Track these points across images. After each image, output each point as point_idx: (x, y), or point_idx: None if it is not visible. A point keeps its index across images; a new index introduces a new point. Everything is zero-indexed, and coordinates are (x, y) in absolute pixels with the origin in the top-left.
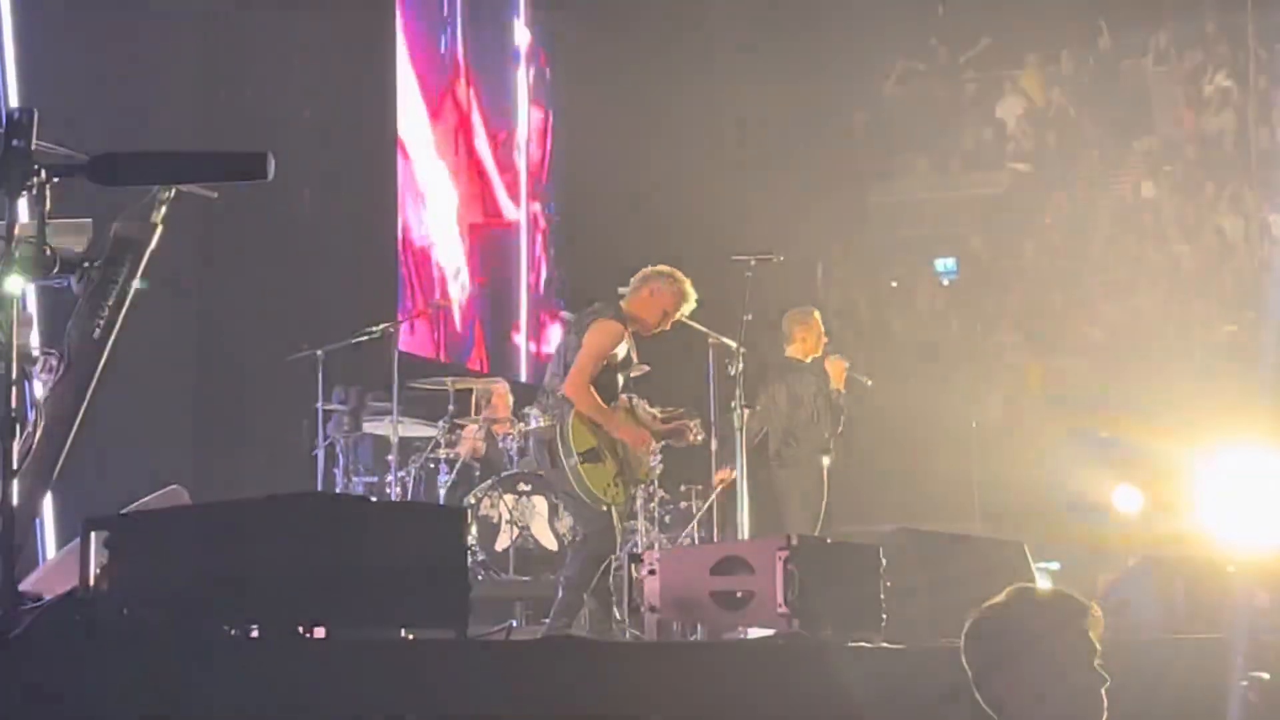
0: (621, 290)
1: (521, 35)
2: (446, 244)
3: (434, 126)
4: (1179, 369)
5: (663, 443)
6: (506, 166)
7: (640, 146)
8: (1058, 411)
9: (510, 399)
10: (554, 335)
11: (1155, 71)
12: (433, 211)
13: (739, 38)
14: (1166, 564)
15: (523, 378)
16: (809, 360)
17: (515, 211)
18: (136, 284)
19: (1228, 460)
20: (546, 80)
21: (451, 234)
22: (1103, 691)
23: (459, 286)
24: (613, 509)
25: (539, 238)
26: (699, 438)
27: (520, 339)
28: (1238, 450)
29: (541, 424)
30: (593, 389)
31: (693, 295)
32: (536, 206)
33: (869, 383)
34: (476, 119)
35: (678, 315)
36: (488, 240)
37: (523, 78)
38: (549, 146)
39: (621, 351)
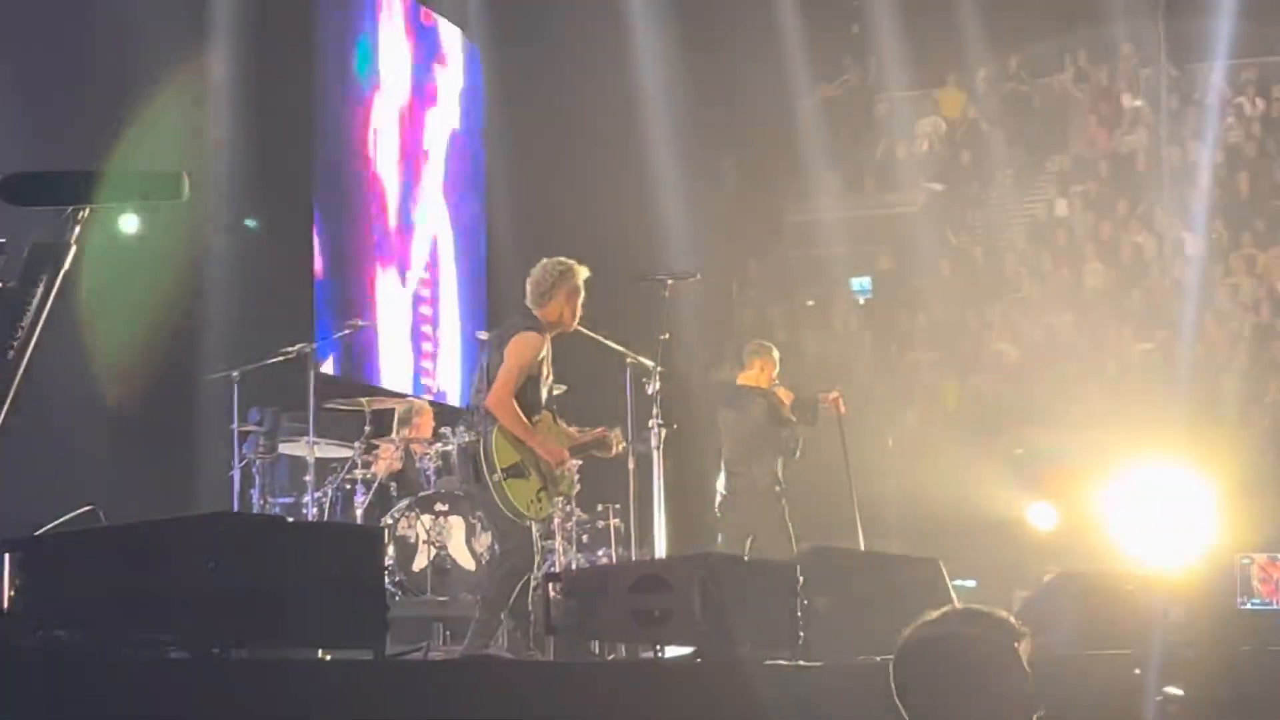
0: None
1: (434, 45)
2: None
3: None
4: (1093, 387)
5: (585, 455)
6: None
7: (555, 164)
8: (973, 429)
9: (433, 417)
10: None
11: (1068, 90)
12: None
13: (655, 54)
14: (1080, 579)
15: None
16: (764, 390)
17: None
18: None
19: (1140, 477)
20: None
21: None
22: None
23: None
24: (533, 526)
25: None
26: (622, 446)
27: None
28: (1150, 468)
29: (466, 439)
30: (516, 403)
31: (584, 269)
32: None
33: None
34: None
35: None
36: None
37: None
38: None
39: (544, 364)
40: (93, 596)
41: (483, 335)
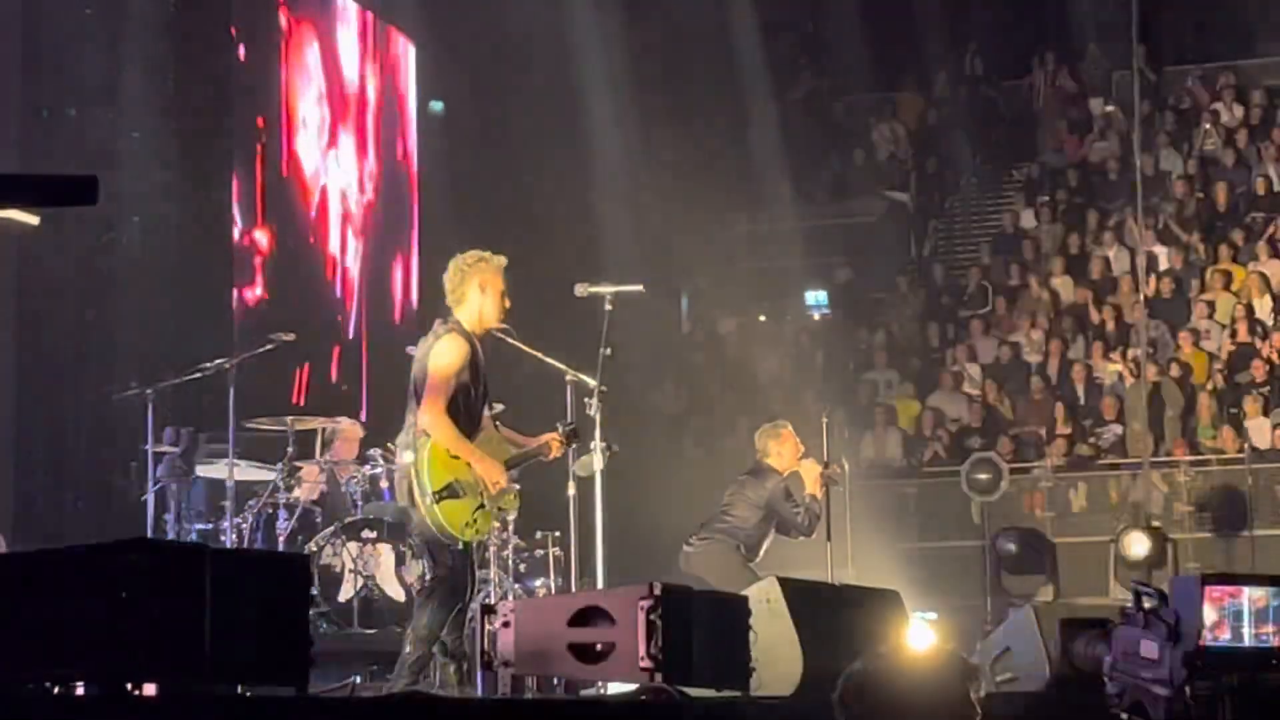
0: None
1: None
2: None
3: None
4: (1060, 407)
5: (526, 465)
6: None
7: (497, 174)
8: (933, 452)
9: (359, 439)
10: None
11: (1035, 96)
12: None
13: (600, 53)
14: (1047, 612)
15: None
16: (787, 474)
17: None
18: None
19: (1112, 501)
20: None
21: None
22: None
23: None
24: (469, 551)
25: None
26: (573, 445)
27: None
28: (1121, 490)
29: (405, 460)
30: (448, 416)
31: (501, 258)
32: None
33: (844, 468)
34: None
35: (505, 285)
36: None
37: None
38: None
39: (474, 367)
40: None
41: (412, 350)
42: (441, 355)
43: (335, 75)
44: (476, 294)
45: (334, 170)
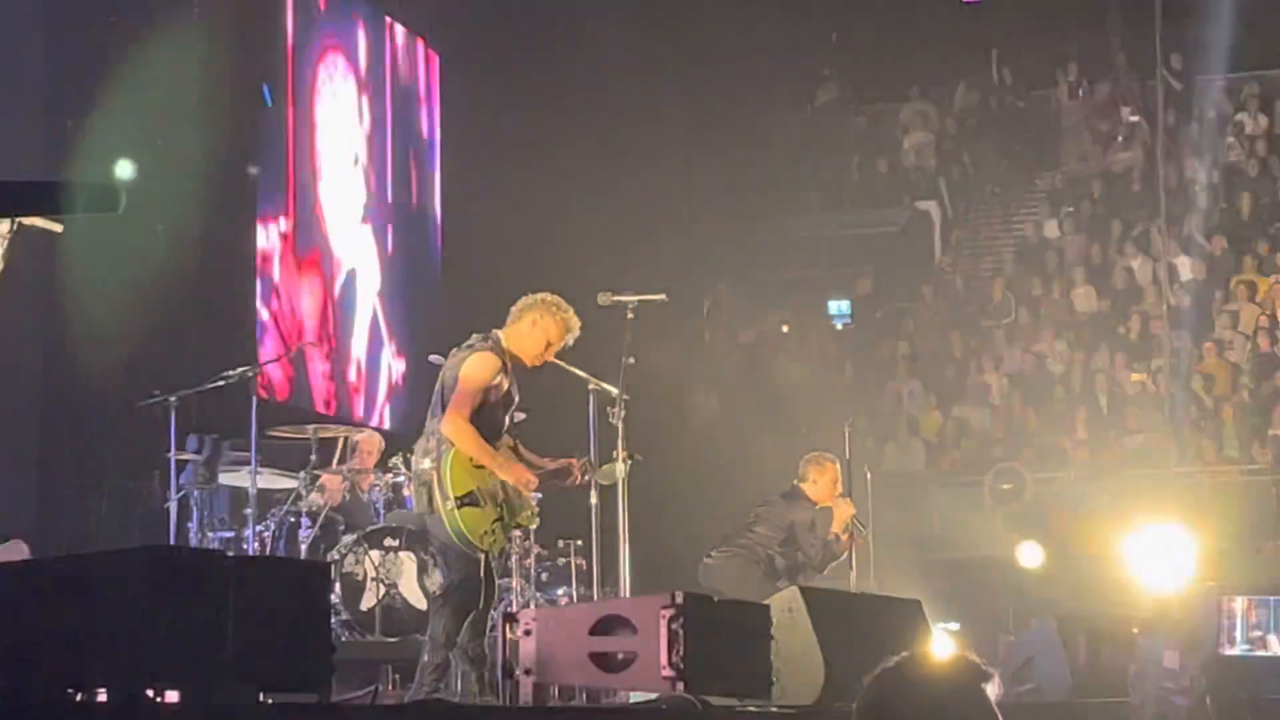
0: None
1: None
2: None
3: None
4: (1083, 419)
5: (547, 486)
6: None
7: (520, 182)
8: (957, 463)
9: (380, 448)
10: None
11: (1060, 105)
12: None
13: (627, 67)
14: (1070, 622)
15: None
16: (819, 506)
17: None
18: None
19: (1131, 515)
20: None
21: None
22: None
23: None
24: (486, 559)
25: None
26: (587, 477)
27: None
28: (1142, 504)
29: (424, 466)
30: (473, 427)
31: (576, 325)
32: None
33: (865, 531)
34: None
35: (561, 346)
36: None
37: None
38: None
39: (502, 386)
40: (18, 634)
41: (435, 359)
42: (473, 367)
43: (366, 108)
44: (527, 326)
45: (362, 251)
